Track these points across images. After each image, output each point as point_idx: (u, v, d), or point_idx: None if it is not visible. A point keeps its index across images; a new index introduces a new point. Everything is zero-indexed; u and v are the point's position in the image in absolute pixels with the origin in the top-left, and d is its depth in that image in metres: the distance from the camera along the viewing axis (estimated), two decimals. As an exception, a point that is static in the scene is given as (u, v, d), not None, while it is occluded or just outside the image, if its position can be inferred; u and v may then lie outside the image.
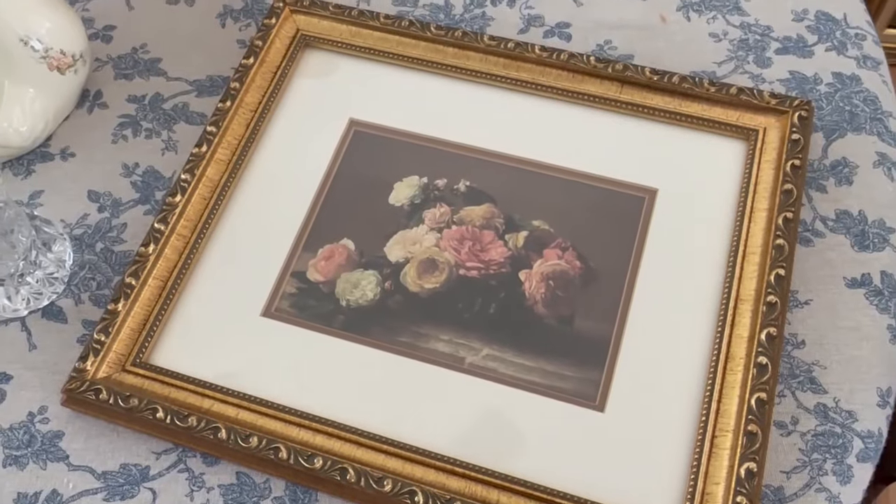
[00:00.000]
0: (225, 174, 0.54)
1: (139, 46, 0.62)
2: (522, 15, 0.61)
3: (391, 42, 0.58)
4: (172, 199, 0.52)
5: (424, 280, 0.51)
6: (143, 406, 0.46)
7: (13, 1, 0.52)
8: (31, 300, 0.50)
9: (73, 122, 0.59)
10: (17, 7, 0.52)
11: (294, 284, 0.51)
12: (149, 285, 0.50)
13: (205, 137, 0.54)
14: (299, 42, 0.59)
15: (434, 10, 0.62)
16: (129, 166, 0.57)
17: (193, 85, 0.60)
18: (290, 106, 0.57)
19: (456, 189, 0.54)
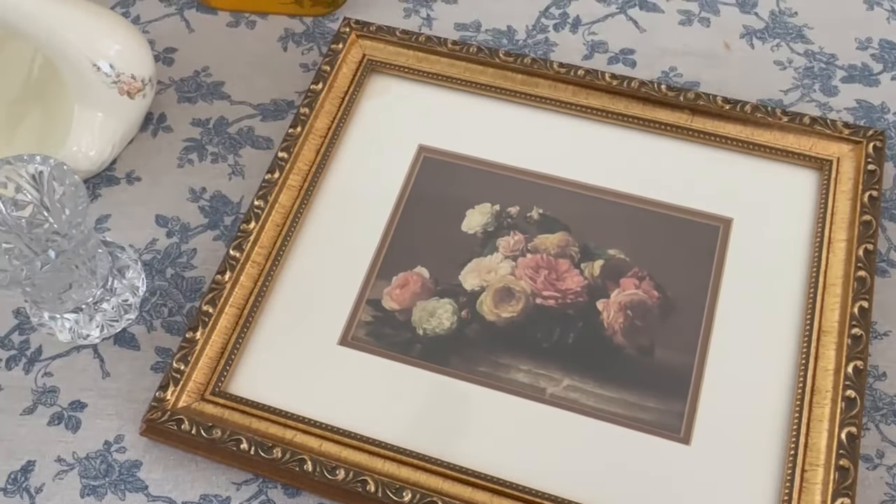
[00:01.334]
0: (297, 200, 0.54)
1: (201, 69, 0.62)
2: (586, 41, 0.61)
3: (459, 68, 0.58)
4: (247, 226, 0.52)
5: (501, 309, 0.51)
6: (225, 437, 0.45)
7: (87, 25, 0.52)
8: (105, 327, 0.50)
9: (137, 145, 0.59)
10: (90, 32, 0.52)
11: (369, 313, 0.51)
12: (226, 313, 0.49)
13: (276, 163, 0.54)
14: (366, 67, 0.59)
15: (497, 36, 0.62)
16: (196, 191, 0.57)
17: (258, 109, 0.60)
18: (358, 131, 0.57)
19: (529, 217, 0.53)
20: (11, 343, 0.52)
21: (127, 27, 0.54)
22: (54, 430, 0.49)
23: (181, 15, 0.65)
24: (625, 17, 0.62)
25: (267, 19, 0.64)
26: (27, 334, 0.52)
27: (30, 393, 0.50)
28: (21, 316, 0.53)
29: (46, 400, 0.50)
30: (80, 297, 0.47)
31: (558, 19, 0.63)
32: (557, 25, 0.62)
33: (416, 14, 0.64)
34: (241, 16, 0.65)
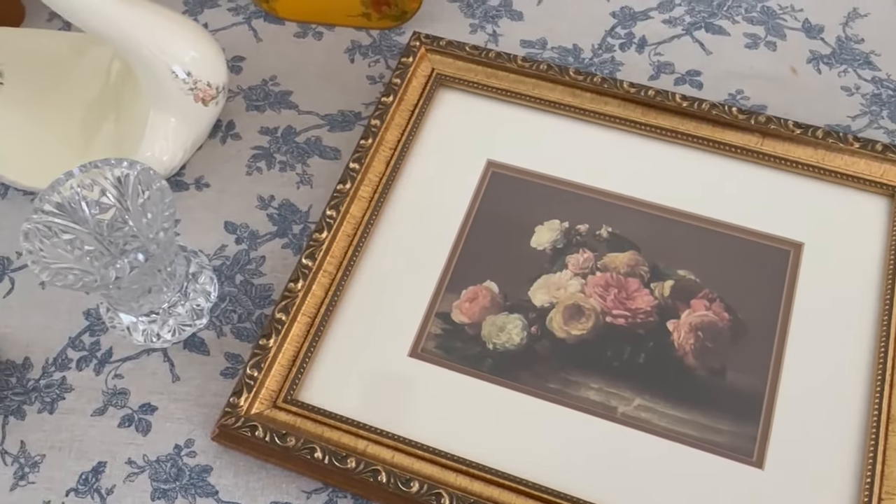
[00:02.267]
0: (367, 211, 0.54)
1: (269, 78, 0.63)
2: (652, 61, 0.62)
3: (527, 85, 0.58)
4: (319, 236, 0.52)
5: (571, 326, 0.51)
6: (299, 445, 0.45)
7: (168, 33, 0.53)
8: (177, 331, 0.50)
9: (206, 151, 0.59)
10: (171, 39, 0.53)
11: (439, 325, 0.51)
12: (298, 321, 0.50)
13: (348, 174, 0.54)
14: (435, 81, 0.59)
15: (563, 54, 0.62)
16: (264, 199, 0.57)
17: (325, 119, 0.60)
18: (427, 145, 0.57)
19: (598, 235, 0.54)
20: (82, 344, 0.52)
21: (204, 35, 0.55)
22: (125, 432, 0.49)
23: (249, 24, 0.66)
24: (691, 39, 0.63)
25: (334, 31, 0.65)
26: (98, 335, 0.52)
27: (100, 394, 0.50)
28: (91, 317, 0.53)
29: (117, 402, 0.50)
30: (157, 302, 0.48)
31: (624, 39, 0.63)
32: (623, 45, 0.63)
33: (483, 30, 0.64)
34: (308, 27, 0.65)
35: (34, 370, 0.51)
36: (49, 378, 0.51)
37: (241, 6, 0.67)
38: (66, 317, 0.53)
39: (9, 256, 0.56)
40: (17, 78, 0.57)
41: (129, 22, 0.51)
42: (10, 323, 0.53)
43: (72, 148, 0.56)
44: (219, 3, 0.67)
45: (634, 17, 0.64)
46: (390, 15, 0.64)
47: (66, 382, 0.51)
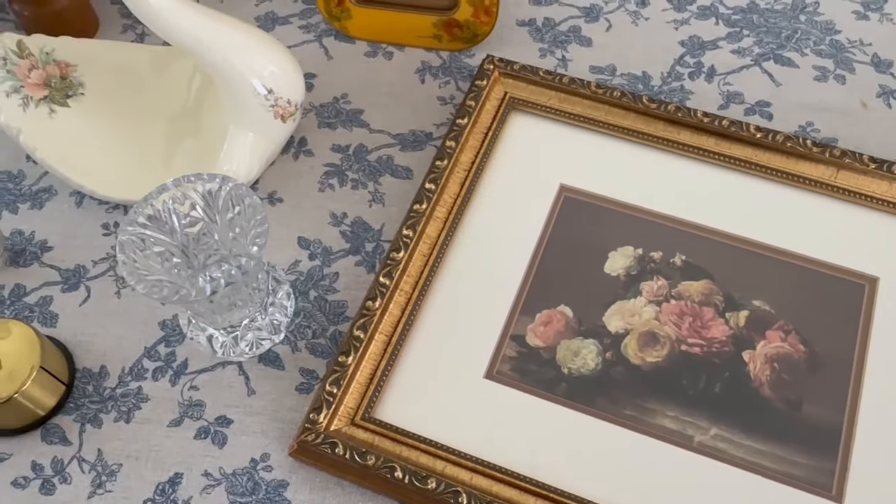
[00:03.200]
0: (442, 232, 0.54)
1: (340, 96, 0.63)
2: (721, 91, 0.62)
3: (600, 111, 0.59)
4: (396, 255, 0.52)
5: (646, 353, 0.51)
6: (379, 464, 0.46)
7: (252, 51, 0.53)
8: (255, 345, 0.51)
9: (279, 167, 0.60)
10: (255, 57, 0.53)
11: (514, 348, 0.51)
12: (375, 340, 0.50)
13: (424, 194, 0.55)
14: (508, 105, 0.60)
15: (632, 81, 0.63)
16: (337, 215, 0.58)
17: (396, 139, 0.61)
18: (500, 167, 0.58)
19: (672, 262, 0.54)
20: (158, 354, 0.53)
21: (286, 53, 0.56)
22: (201, 444, 0.49)
23: (319, 42, 0.67)
24: (759, 70, 0.63)
25: (404, 51, 0.66)
26: (173, 346, 0.53)
27: (176, 405, 0.51)
28: (167, 328, 0.54)
29: (193, 413, 0.50)
30: (240, 316, 0.48)
31: (693, 68, 0.63)
32: (692, 74, 0.63)
33: (552, 55, 0.65)
34: (379, 46, 0.66)
35: (110, 379, 0.52)
36: (125, 387, 0.51)
37: (312, 24, 0.68)
38: (141, 326, 0.54)
39: (84, 265, 0.56)
40: (98, 89, 0.58)
41: (215, 38, 0.52)
42: (86, 331, 0.54)
43: (153, 161, 0.57)
44: (290, 20, 0.68)
45: (703, 47, 0.65)
46: (461, 37, 0.64)
47: (142, 392, 0.51)
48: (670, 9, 0.67)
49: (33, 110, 0.55)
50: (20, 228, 0.58)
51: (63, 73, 0.58)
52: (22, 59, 0.56)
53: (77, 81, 0.58)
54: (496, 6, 0.62)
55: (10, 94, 0.54)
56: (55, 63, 0.57)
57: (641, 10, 0.67)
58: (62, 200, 0.59)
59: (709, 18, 0.66)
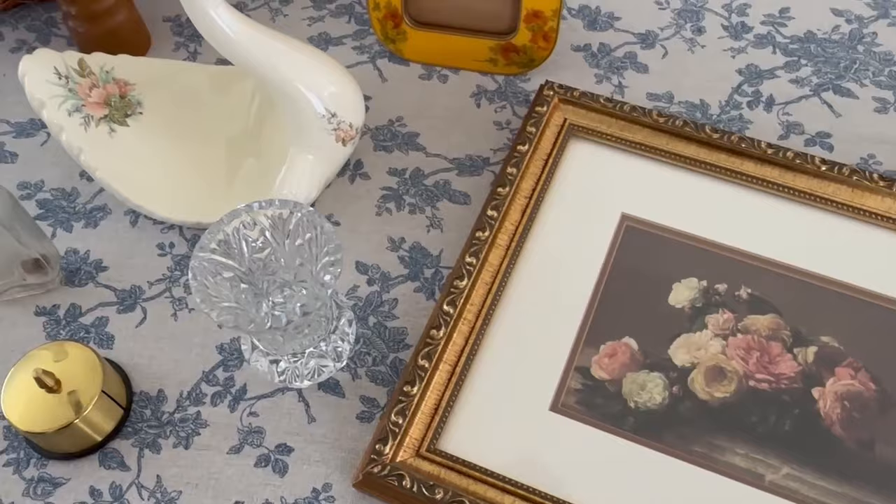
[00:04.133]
0: (504, 260, 0.54)
1: (395, 119, 0.63)
2: (781, 121, 0.62)
3: (661, 139, 0.58)
4: (459, 283, 0.52)
5: (713, 388, 0.50)
6: (448, 498, 0.45)
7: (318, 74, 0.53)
8: (317, 373, 0.50)
9: (335, 189, 0.60)
10: (320, 81, 0.53)
11: (579, 380, 0.50)
12: (439, 369, 0.50)
13: (486, 221, 0.54)
14: (568, 131, 0.59)
15: (690, 109, 0.62)
16: (395, 240, 0.57)
17: (453, 163, 0.61)
18: (560, 195, 0.57)
19: (737, 295, 0.53)
20: (216, 379, 0.52)
21: (349, 78, 0.56)
22: (262, 472, 0.49)
23: (374, 64, 0.66)
24: (819, 100, 0.63)
25: (459, 74, 0.65)
26: (231, 371, 0.52)
27: (236, 432, 0.50)
28: (224, 352, 0.53)
29: (253, 440, 0.50)
30: (307, 343, 0.47)
31: (751, 97, 0.63)
32: (751, 103, 0.63)
33: (608, 81, 0.64)
34: (433, 69, 0.66)
35: (168, 403, 0.51)
36: (184, 412, 0.51)
37: (366, 45, 0.67)
38: (198, 350, 0.53)
39: (140, 286, 0.56)
40: (157, 109, 0.58)
41: (282, 60, 0.51)
42: (142, 353, 0.53)
43: (212, 182, 0.56)
44: (343, 41, 0.68)
45: (761, 76, 0.64)
46: (518, 62, 0.64)
47: (200, 417, 0.51)
48: (727, 36, 0.67)
49: (94, 129, 0.55)
50: (75, 247, 0.58)
51: (122, 91, 0.57)
52: (83, 77, 0.55)
53: (135, 100, 0.58)
54: (555, 32, 0.61)
55: (71, 113, 0.54)
56: (114, 82, 0.57)
57: (697, 38, 0.67)
58: (117, 219, 0.59)
59: (766, 47, 0.66)
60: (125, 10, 0.64)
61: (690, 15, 0.68)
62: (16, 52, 0.68)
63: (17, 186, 0.60)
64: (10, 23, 0.70)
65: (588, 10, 0.69)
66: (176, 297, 0.55)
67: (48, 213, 0.59)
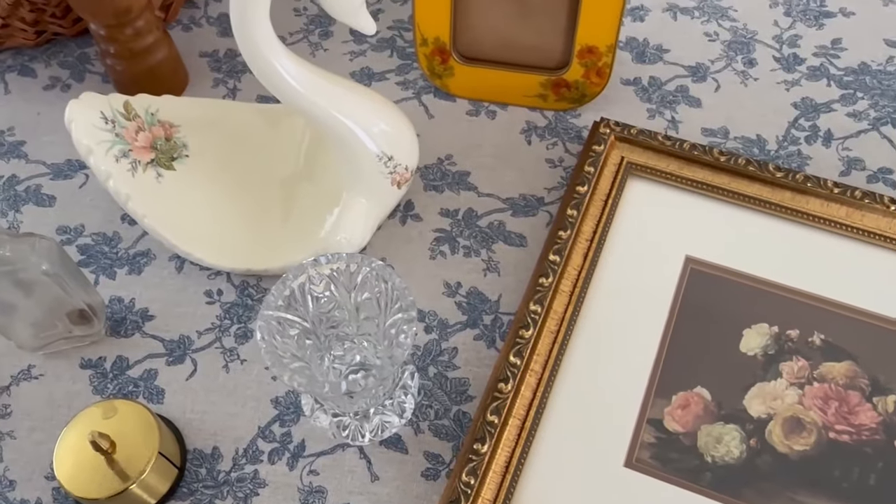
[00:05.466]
0: (569, 307, 0.52)
1: (445, 157, 0.61)
2: (841, 156, 0.60)
3: (723, 178, 0.57)
4: (524, 333, 0.50)
5: (792, 441, 0.48)
6: (527, 564, 0.43)
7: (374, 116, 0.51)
8: (380, 429, 0.48)
9: (386, 231, 0.58)
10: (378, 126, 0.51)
11: (652, 433, 0.49)
12: (509, 425, 0.48)
13: (548, 267, 0.53)
14: (626, 170, 0.58)
15: (747, 145, 0.61)
16: (451, 285, 0.55)
17: (507, 203, 0.59)
18: (622, 237, 0.55)
19: (811, 342, 0.51)
20: (273, 435, 0.50)
21: (404, 119, 0.54)
22: (325, 535, 0.47)
23: (419, 100, 0.65)
24: (878, 135, 0.61)
25: (507, 110, 0.64)
26: (288, 426, 0.50)
27: (296, 491, 0.48)
28: (280, 405, 0.51)
29: (314, 500, 0.47)
30: (373, 402, 0.46)
31: (809, 132, 0.62)
32: (809, 138, 0.61)
33: (661, 115, 0.63)
34: (481, 105, 0.64)
35: (224, 461, 0.49)
36: (241, 471, 0.49)
37: (410, 80, 0.66)
38: (253, 403, 0.51)
39: (189, 336, 0.54)
40: (202, 151, 0.56)
41: (340, 104, 0.50)
42: (194, 408, 0.51)
43: (263, 227, 0.55)
44: (386, 76, 0.66)
45: (817, 109, 0.63)
46: (569, 97, 0.62)
47: (258, 476, 0.48)
48: (779, 69, 0.65)
49: (141, 175, 0.53)
50: (119, 295, 0.56)
51: (167, 134, 0.55)
52: (129, 120, 0.54)
53: (181, 143, 0.56)
54: (609, 68, 0.60)
55: (119, 159, 0.52)
56: (160, 124, 0.55)
57: (749, 70, 0.65)
58: (162, 265, 0.57)
59: (820, 80, 0.64)
60: (165, 47, 0.62)
61: (741, 47, 0.67)
62: (49, 89, 0.67)
63: (57, 231, 0.59)
64: (43, 59, 0.69)
65: (636, 43, 0.67)
66: (227, 348, 0.53)
67: (90, 259, 0.57)
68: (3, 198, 0.60)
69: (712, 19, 0.69)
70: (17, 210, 0.60)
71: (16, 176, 0.62)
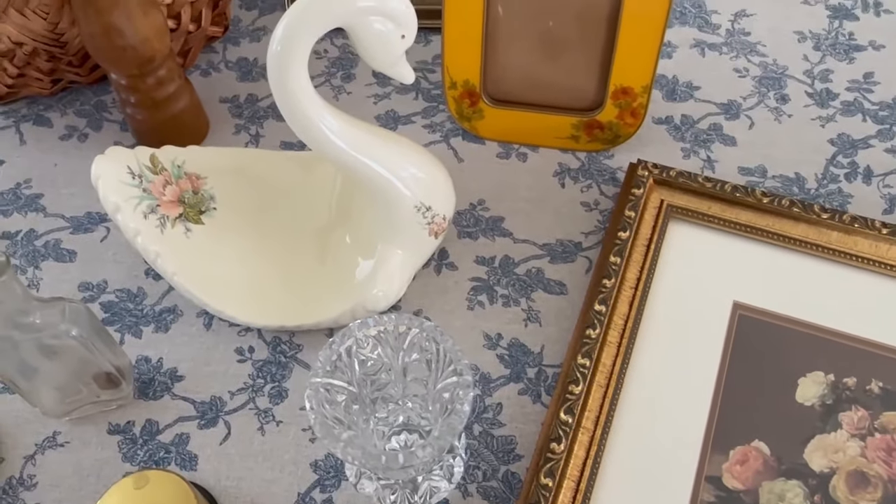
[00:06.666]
0: (617, 359, 0.50)
1: (477, 202, 0.60)
2: (883, 194, 0.59)
3: (767, 219, 0.55)
4: (574, 388, 0.48)
5: (858, 496, 0.46)
6: None
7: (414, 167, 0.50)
8: (429, 495, 0.46)
9: (421, 281, 0.56)
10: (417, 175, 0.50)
11: (711, 492, 0.46)
12: (563, 486, 0.46)
13: (594, 318, 0.51)
14: (667, 214, 0.56)
15: (786, 183, 0.60)
16: (491, 337, 0.53)
17: (544, 249, 0.57)
18: (666, 284, 0.54)
19: (869, 390, 0.50)
20: (313, 502, 0.47)
21: (440, 168, 0.52)
22: None
23: (447, 143, 0.63)
24: (919, 171, 0.60)
25: (538, 152, 0.62)
26: (329, 492, 0.48)
27: (341, 562, 0.46)
28: (320, 470, 0.49)
29: (361, 572, 0.45)
30: (424, 468, 0.43)
31: (848, 168, 0.60)
32: (849, 175, 0.60)
33: (696, 155, 0.61)
34: (511, 147, 0.63)
35: (264, 532, 0.47)
36: (282, 541, 0.47)
37: (437, 123, 0.64)
38: (291, 468, 0.49)
39: (221, 397, 0.52)
40: (230, 203, 0.54)
41: (380, 157, 0.48)
42: (230, 475, 0.49)
43: (295, 281, 0.53)
44: (413, 119, 0.65)
45: (854, 145, 0.62)
46: (601, 138, 0.61)
47: (300, 547, 0.46)
48: (812, 105, 0.64)
49: (170, 231, 0.51)
50: (146, 355, 0.53)
51: (195, 186, 0.54)
52: (156, 174, 0.52)
53: (208, 195, 0.54)
54: (644, 108, 0.58)
55: (147, 215, 0.50)
56: (186, 176, 0.54)
57: (783, 106, 0.64)
58: (189, 322, 0.55)
59: (855, 115, 0.63)
60: (186, 95, 0.61)
61: (772, 82, 0.66)
62: (66, 139, 0.65)
63: (79, 288, 0.56)
64: (58, 108, 0.67)
65: (665, 80, 0.66)
66: (261, 409, 0.51)
67: (114, 317, 0.55)
68: (21, 254, 0.58)
69: (741, 55, 0.68)
70: (36, 266, 0.58)
71: (34, 230, 0.60)
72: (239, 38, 0.72)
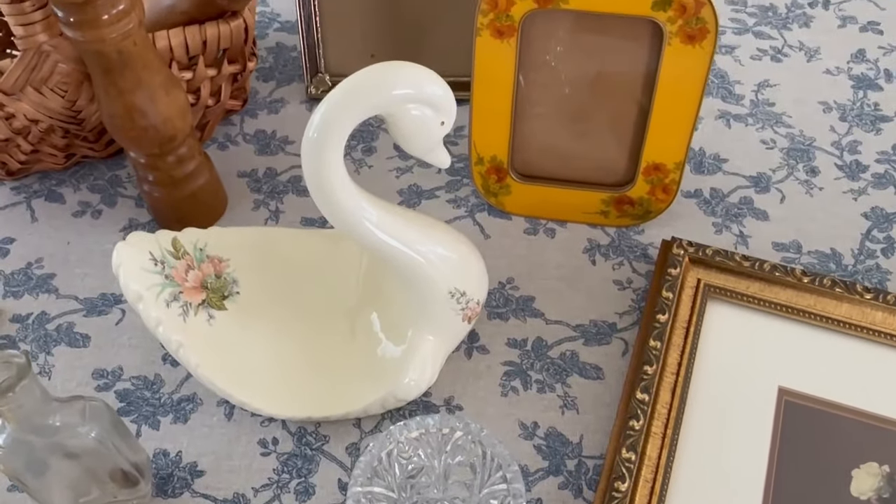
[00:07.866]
0: (663, 451, 0.48)
1: (506, 281, 0.58)
2: (922, 270, 0.58)
3: (808, 299, 0.54)
4: (620, 485, 0.46)
5: None
6: None
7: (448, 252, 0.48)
8: None
9: (452, 366, 0.54)
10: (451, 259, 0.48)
11: None
12: None
13: (637, 407, 0.49)
14: (704, 294, 0.54)
15: (822, 259, 0.58)
16: (527, 426, 0.51)
17: (578, 331, 0.55)
18: (708, 368, 0.52)
19: (926, 482, 0.48)
20: None
21: (474, 251, 0.50)
22: None
23: (473, 218, 0.62)
24: (957, 245, 0.59)
25: (566, 227, 0.61)
26: None
27: None
28: (351, 575, 0.46)
29: None
30: (469, 578, 0.41)
31: (884, 243, 0.59)
32: (885, 250, 0.59)
33: (728, 230, 0.60)
34: (538, 222, 0.61)
35: None
36: None
37: (461, 197, 0.63)
38: (320, 573, 0.46)
39: (244, 493, 0.49)
40: (254, 286, 0.52)
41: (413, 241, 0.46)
42: (256, 580, 0.46)
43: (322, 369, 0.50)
44: (436, 193, 0.63)
45: (889, 219, 0.60)
46: (632, 214, 0.60)
47: None
48: (843, 177, 0.63)
49: (192, 319, 0.49)
50: (164, 448, 0.51)
51: (217, 270, 0.52)
52: (178, 259, 0.50)
53: (231, 278, 0.52)
54: (677, 185, 0.57)
55: (169, 304, 0.48)
56: (209, 260, 0.52)
57: (813, 179, 0.63)
58: (210, 411, 0.52)
59: (887, 187, 0.62)
60: (206, 171, 0.59)
61: (800, 154, 0.65)
62: (79, 215, 0.63)
63: (93, 375, 0.54)
64: (71, 183, 0.65)
65: (693, 153, 0.65)
66: (302, 514, 0.48)
67: (130, 406, 0.52)
68: (32, 338, 0.56)
69: (767, 126, 0.67)
70: (48, 353, 0.55)
71: (46, 313, 0.57)
72: (256, 111, 0.70)
